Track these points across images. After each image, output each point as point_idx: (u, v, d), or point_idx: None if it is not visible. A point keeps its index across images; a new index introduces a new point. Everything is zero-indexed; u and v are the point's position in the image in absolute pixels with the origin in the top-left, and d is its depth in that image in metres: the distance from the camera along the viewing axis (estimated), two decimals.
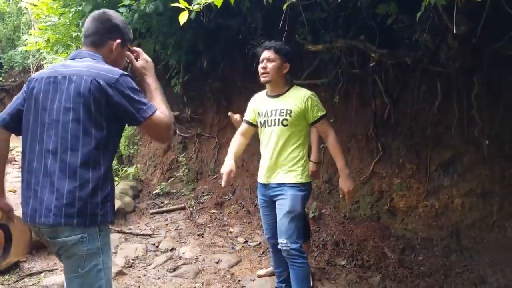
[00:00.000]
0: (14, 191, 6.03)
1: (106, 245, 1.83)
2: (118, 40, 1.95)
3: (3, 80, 16.36)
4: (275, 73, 2.81)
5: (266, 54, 2.83)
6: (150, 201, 6.09)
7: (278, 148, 2.83)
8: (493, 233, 3.49)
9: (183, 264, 4.02)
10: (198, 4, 2.69)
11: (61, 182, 1.69)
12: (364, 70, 4.24)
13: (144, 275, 3.83)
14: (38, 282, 3.60)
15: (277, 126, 2.82)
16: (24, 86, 1.90)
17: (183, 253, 4.26)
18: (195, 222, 5.21)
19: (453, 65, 3.44)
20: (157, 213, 5.62)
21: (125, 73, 1.82)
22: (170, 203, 5.93)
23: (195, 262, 4.07)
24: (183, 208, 5.66)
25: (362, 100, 4.45)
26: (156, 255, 4.27)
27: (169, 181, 6.42)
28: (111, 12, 2.00)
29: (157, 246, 4.50)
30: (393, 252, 3.87)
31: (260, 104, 2.98)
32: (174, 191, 6.26)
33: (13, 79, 16.04)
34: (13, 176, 7.25)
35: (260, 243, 4.39)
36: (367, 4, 3.54)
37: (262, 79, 2.86)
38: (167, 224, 5.22)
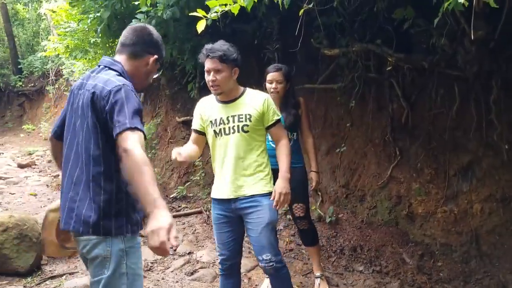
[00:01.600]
0: (35, 195, 6.15)
1: (131, 249, 1.83)
2: (156, 56, 2.04)
3: (23, 85, 16.69)
4: (225, 84, 2.57)
5: (211, 64, 2.54)
6: (167, 204, 6.10)
7: (241, 157, 2.59)
8: None
9: (201, 268, 4.05)
10: (215, 12, 2.72)
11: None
12: (381, 74, 4.23)
13: (163, 279, 3.88)
14: (60, 284, 3.67)
15: (237, 133, 2.58)
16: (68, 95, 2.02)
17: (201, 256, 4.29)
18: (212, 226, 5.24)
19: (470, 69, 3.41)
20: (174, 216, 5.66)
21: (124, 84, 1.81)
22: (187, 207, 5.97)
23: (212, 266, 4.09)
24: (200, 212, 5.69)
25: (379, 104, 4.43)
26: (174, 259, 4.31)
27: (186, 185, 6.47)
28: (152, 28, 2.09)
29: (175, 250, 4.54)
30: (411, 258, 3.84)
31: (211, 111, 2.70)
32: (191, 195, 6.30)
33: (32, 84, 16.36)
34: (34, 180, 7.39)
35: None
36: (383, 8, 3.53)
37: (213, 92, 2.63)
38: (184, 228, 5.26)
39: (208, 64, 2.56)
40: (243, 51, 5.18)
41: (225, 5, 2.69)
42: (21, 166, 8.90)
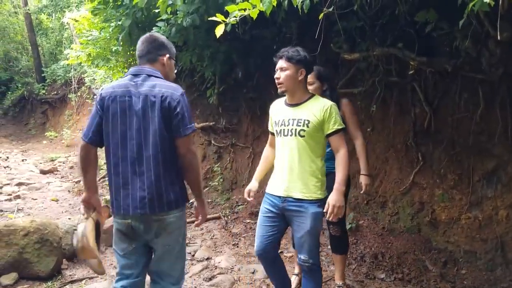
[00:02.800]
0: (57, 200, 6.24)
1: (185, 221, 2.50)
2: (167, 55, 2.42)
3: (46, 93, 17.05)
4: (289, 82, 2.67)
5: (279, 63, 2.72)
6: (187, 210, 6.14)
7: (295, 160, 2.67)
8: None
9: (219, 273, 4.03)
10: (234, 17, 2.73)
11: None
12: (403, 78, 4.16)
13: None
14: None
15: (294, 136, 2.68)
16: (97, 104, 2.27)
17: (219, 262, 4.27)
18: (230, 231, 5.23)
19: (495, 72, 3.34)
20: (193, 222, 5.65)
21: (183, 92, 2.30)
22: None
23: (230, 272, 4.07)
24: (218, 218, 5.69)
25: (401, 108, 4.35)
26: (192, 264, 4.30)
27: (204, 190, 6.48)
28: (156, 34, 2.50)
29: (193, 255, 4.53)
30: (434, 266, 3.76)
31: (277, 112, 2.86)
32: (209, 200, 6.30)
33: (55, 92, 16.70)
34: (56, 186, 7.50)
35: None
36: (405, 11, 3.49)
37: (278, 90, 2.74)
38: (202, 233, 5.25)
39: (277, 64, 2.74)
40: (262, 57, 5.22)
41: (244, 9, 2.70)
42: (43, 172, 9.06)
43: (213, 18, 2.69)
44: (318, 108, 2.66)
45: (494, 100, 3.56)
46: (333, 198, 2.61)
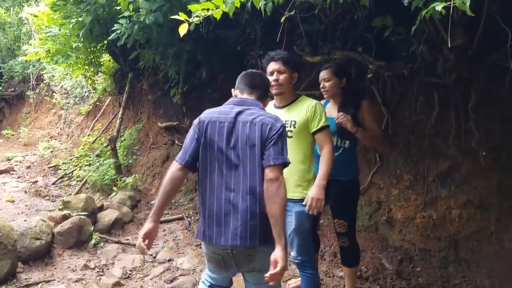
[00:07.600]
0: (13, 201, 6.02)
1: None
2: (268, 98, 2.56)
3: (3, 90, 16.35)
4: (286, 84, 2.81)
5: (275, 65, 2.81)
6: (148, 211, 6.06)
7: None
8: (490, 244, 3.48)
9: (180, 275, 4.01)
10: (197, 16, 2.72)
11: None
12: (362, 82, 4.26)
13: (142, 286, 3.82)
14: None
15: None
16: (195, 128, 2.26)
17: (181, 264, 4.24)
18: (193, 232, 5.20)
19: (449, 77, 3.46)
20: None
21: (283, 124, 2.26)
22: (168, 213, 5.91)
23: (192, 273, 4.05)
24: (181, 218, 5.65)
25: None
26: (153, 266, 4.26)
27: None
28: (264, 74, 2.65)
29: (155, 257, 4.48)
30: (391, 263, 3.87)
31: None
32: (172, 201, 6.24)
33: (12, 89, 16.05)
34: (12, 186, 7.24)
35: None
36: (363, 17, 3.58)
37: (274, 92, 2.83)
38: (165, 235, 5.20)
39: (272, 66, 2.83)
40: (226, 57, 5.21)
41: (208, 10, 2.70)
42: None
43: (176, 17, 2.68)
44: (304, 107, 2.78)
45: (448, 104, 3.69)
46: (313, 191, 2.68)
